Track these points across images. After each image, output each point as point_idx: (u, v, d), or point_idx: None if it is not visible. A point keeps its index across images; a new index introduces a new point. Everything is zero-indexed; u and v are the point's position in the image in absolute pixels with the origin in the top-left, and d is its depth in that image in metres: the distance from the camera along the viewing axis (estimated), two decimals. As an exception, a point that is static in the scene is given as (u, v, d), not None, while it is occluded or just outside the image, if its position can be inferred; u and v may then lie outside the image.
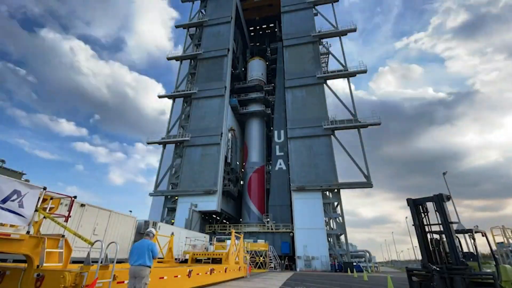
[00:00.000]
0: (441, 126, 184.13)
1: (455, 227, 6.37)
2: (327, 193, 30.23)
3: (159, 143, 36.76)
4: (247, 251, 18.82)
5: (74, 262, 7.67)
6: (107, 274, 5.10)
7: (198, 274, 9.42)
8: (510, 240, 17.54)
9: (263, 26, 58.12)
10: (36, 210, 4.96)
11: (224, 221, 38.54)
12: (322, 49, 39.34)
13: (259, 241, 26.91)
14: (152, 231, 5.50)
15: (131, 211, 16.32)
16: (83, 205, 10.27)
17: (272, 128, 43.99)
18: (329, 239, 28.21)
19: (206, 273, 10.11)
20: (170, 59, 43.50)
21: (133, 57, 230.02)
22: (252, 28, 58.27)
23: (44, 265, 4.88)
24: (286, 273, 22.10)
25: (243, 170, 43.68)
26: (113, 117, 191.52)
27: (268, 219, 31.85)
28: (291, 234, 29.48)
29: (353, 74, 34.55)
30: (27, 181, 5.40)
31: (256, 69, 49.46)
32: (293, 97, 36.02)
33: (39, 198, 5.06)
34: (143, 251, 4.96)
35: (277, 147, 38.83)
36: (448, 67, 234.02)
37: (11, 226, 4.64)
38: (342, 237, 28.61)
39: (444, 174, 23.26)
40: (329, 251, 26.82)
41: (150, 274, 4.99)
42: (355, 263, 26.30)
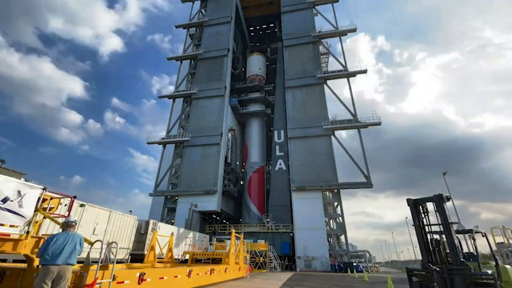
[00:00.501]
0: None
1: (455, 227, 6.37)
2: (327, 193, 30.23)
3: (159, 143, 36.75)
4: (247, 251, 18.81)
5: (74, 262, 7.66)
6: (107, 274, 5.11)
7: (198, 274, 9.43)
8: (510, 240, 17.55)
9: (263, 26, 58.13)
10: (36, 210, 4.97)
11: (224, 221, 38.53)
12: (322, 49, 39.36)
13: (259, 241, 26.88)
14: (72, 220, 4.56)
15: (131, 211, 16.31)
16: (83, 205, 10.26)
17: (272, 128, 43.99)
18: (329, 239, 28.20)
19: (206, 273, 10.11)
20: (170, 59, 43.51)
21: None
22: (252, 28, 58.28)
23: (44, 265, 4.87)
24: (286, 273, 22.10)
25: (243, 170, 43.68)
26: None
27: (268, 219, 31.84)
28: (291, 234, 29.47)
29: (353, 74, 34.56)
30: (27, 181, 5.40)
31: (255, 64, 49.36)
32: (293, 97, 36.01)
33: (39, 198, 5.07)
34: (70, 247, 4.16)
35: (277, 147, 38.83)
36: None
37: (11, 226, 4.64)
38: (342, 237, 28.61)
39: (444, 174, 23.27)
40: (329, 251, 26.81)
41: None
42: (355, 263, 26.30)
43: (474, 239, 6.38)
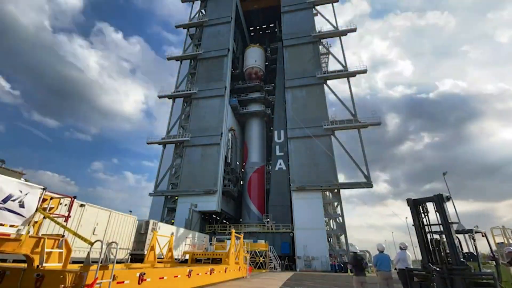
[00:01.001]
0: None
1: (455, 227, 6.37)
2: (327, 193, 30.23)
3: (159, 143, 36.77)
4: (247, 251, 18.81)
5: (74, 262, 7.68)
6: (107, 274, 5.11)
7: (198, 274, 9.43)
8: (510, 240, 17.55)
9: (263, 26, 58.11)
10: (36, 210, 4.97)
11: (224, 221, 38.52)
12: (322, 49, 39.37)
13: (259, 241, 26.87)
14: None
15: (131, 211, 16.32)
16: (82, 205, 10.27)
17: (272, 128, 44.00)
18: (329, 239, 28.22)
19: (206, 273, 10.11)
20: (170, 59, 43.50)
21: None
22: (252, 28, 58.28)
23: (44, 265, 4.88)
24: (286, 273, 22.09)
25: (243, 170, 43.68)
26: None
27: (268, 219, 31.84)
28: (291, 234, 29.48)
29: (353, 74, 34.56)
30: (27, 181, 5.40)
31: (251, 56, 47.82)
32: (293, 97, 36.01)
33: (39, 198, 5.07)
34: None
35: (277, 147, 38.84)
36: None
37: (11, 226, 4.64)
38: (342, 237, 28.62)
39: (444, 174, 23.26)
40: (329, 251, 26.82)
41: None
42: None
43: (474, 239, 6.39)
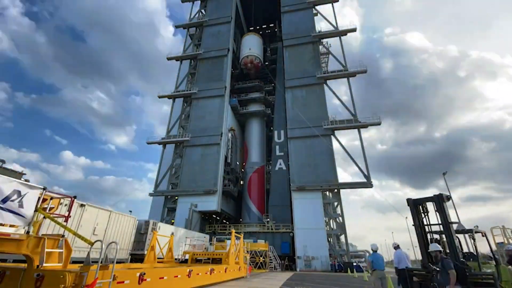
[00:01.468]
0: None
1: (455, 227, 6.37)
2: (327, 193, 30.23)
3: (159, 143, 36.77)
4: (247, 251, 18.80)
5: (74, 262, 7.68)
6: (107, 274, 5.10)
7: (198, 274, 9.42)
8: (510, 240, 17.55)
9: (263, 26, 58.12)
10: (36, 210, 4.96)
11: (224, 221, 38.53)
12: (322, 49, 39.36)
13: (259, 241, 26.89)
14: None
15: (131, 211, 16.34)
16: (83, 205, 10.27)
17: (272, 128, 43.99)
18: (329, 239, 28.22)
19: (206, 273, 10.11)
20: (170, 59, 43.50)
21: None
22: (252, 28, 58.28)
23: (44, 265, 4.88)
24: (286, 273, 22.10)
25: (243, 170, 43.67)
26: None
27: (268, 219, 31.85)
28: (291, 234, 29.47)
29: (353, 74, 34.54)
30: (27, 181, 5.41)
31: (246, 45, 45.91)
32: (293, 97, 36.00)
33: (39, 198, 5.07)
34: None
35: (277, 147, 38.84)
36: None
37: (11, 226, 4.64)
38: (342, 237, 28.62)
39: (444, 174, 23.24)
40: (329, 251, 26.82)
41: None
42: (355, 263, 26.30)
43: (474, 239, 6.38)
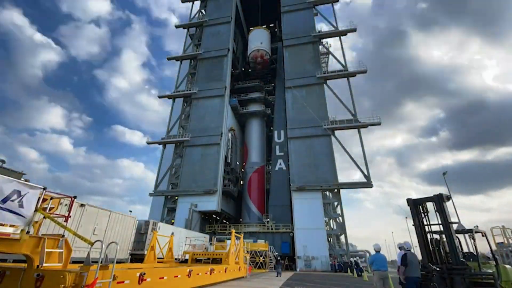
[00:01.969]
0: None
1: (455, 227, 6.37)
2: (327, 193, 30.23)
3: (159, 143, 36.78)
4: (247, 251, 18.81)
5: (74, 262, 7.68)
6: (107, 274, 5.10)
7: (198, 274, 9.42)
8: (510, 240, 17.54)
9: (263, 26, 58.05)
10: (36, 210, 4.96)
11: (224, 221, 38.54)
12: (322, 49, 39.36)
13: (259, 241, 26.90)
14: None
15: (131, 211, 16.32)
16: (83, 205, 10.27)
17: (272, 128, 43.99)
18: (329, 239, 28.22)
19: (206, 273, 10.10)
20: (170, 59, 43.53)
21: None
22: (252, 28, 58.26)
23: (44, 265, 4.88)
24: (286, 273, 22.09)
25: (243, 170, 43.67)
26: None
27: (268, 219, 31.85)
28: (291, 234, 29.48)
29: (353, 74, 34.54)
30: (27, 181, 5.39)
31: (256, 39, 45.62)
32: (293, 97, 36.01)
33: (39, 198, 5.06)
34: None
35: (277, 147, 38.83)
36: None
37: (11, 226, 4.64)
38: (342, 237, 28.62)
39: (444, 174, 23.24)
40: (329, 251, 26.82)
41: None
42: (354, 260, 26.27)
43: (474, 239, 6.39)
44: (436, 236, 6.59)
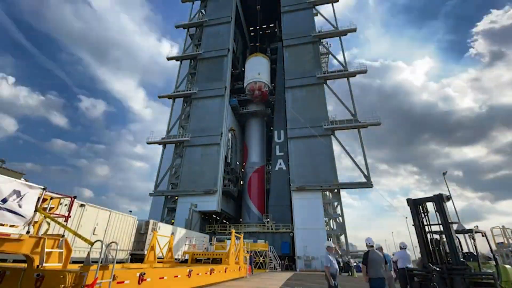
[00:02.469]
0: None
1: (455, 227, 6.38)
2: (327, 193, 30.23)
3: (159, 143, 36.77)
4: (247, 251, 18.81)
5: (74, 262, 7.68)
6: (107, 274, 5.10)
7: (198, 274, 9.42)
8: (510, 240, 17.54)
9: (263, 26, 58.08)
10: (36, 210, 4.96)
11: (224, 221, 38.52)
12: (322, 49, 39.36)
13: (259, 241, 26.91)
14: None
15: (131, 211, 16.32)
16: (83, 205, 10.27)
17: (272, 128, 43.98)
18: (329, 239, 28.21)
19: (206, 273, 10.11)
20: (170, 59, 43.49)
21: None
22: (252, 28, 58.27)
23: (44, 265, 4.88)
24: (286, 273, 22.09)
25: (243, 170, 43.67)
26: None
27: (268, 219, 31.84)
28: (291, 234, 29.47)
29: (353, 74, 34.54)
30: (27, 181, 5.40)
31: (254, 67, 43.45)
32: (293, 97, 36.00)
33: (39, 198, 5.06)
34: None
35: (277, 147, 38.82)
36: None
37: (11, 226, 4.64)
38: (342, 237, 28.60)
39: (444, 174, 23.25)
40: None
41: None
42: (354, 263, 26.29)
43: (474, 239, 6.39)
44: (436, 236, 6.59)
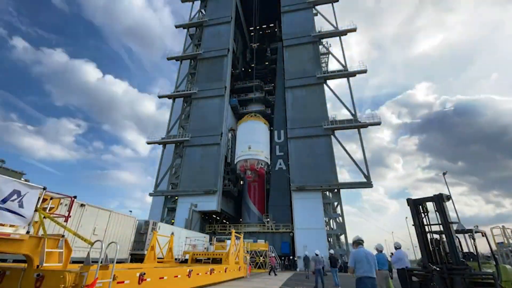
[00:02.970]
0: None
1: (455, 227, 6.37)
2: (327, 193, 30.22)
3: (159, 143, 36.76)
4: (247, 251, 18.81)
5: (74, 262, 7.68)
6: (107, 274, 5.11)
7: (198, 274, 9.42)
8: (510, 240, 17.53)
9: (263, 26, 58.10)
10: (36, 210, 4.96)
11: (224, 221, 38.52)
12: (322, 49, 39.35)
13: (259, 241, 26.89)
14: None
15: (131, 211, 16.34)
16: (83, 205, 10.27)
17: (272, 128, 43.99)
18: (329, 239, 28.21)
19: (206, 273, 10.11)
20: (170, 59, 43.47)
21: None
22: (252, 28, 58.25)
23: (44, 265, 4.88)
24: (286, 273, 22.09)
25: (243, 170, 43.59)
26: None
27: (268, 219, 31.83)
28: (291, 234, 29.47)
29: (353, 74, 34.52)
30: (27, 181, 5.40)
31: (244, 138, 36.79)
32: (293, 97, 36.00)
33: (39, 198, 5.06)
34: None
35: (277, 147, 38.80)
36: None
37: (11, 226, 4.64)
38: (342, 237, 28.60)
39: (444, 174, 23.25)
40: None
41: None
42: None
43: (474, 239, 6.39)
44: (436, 236, 6.59)
